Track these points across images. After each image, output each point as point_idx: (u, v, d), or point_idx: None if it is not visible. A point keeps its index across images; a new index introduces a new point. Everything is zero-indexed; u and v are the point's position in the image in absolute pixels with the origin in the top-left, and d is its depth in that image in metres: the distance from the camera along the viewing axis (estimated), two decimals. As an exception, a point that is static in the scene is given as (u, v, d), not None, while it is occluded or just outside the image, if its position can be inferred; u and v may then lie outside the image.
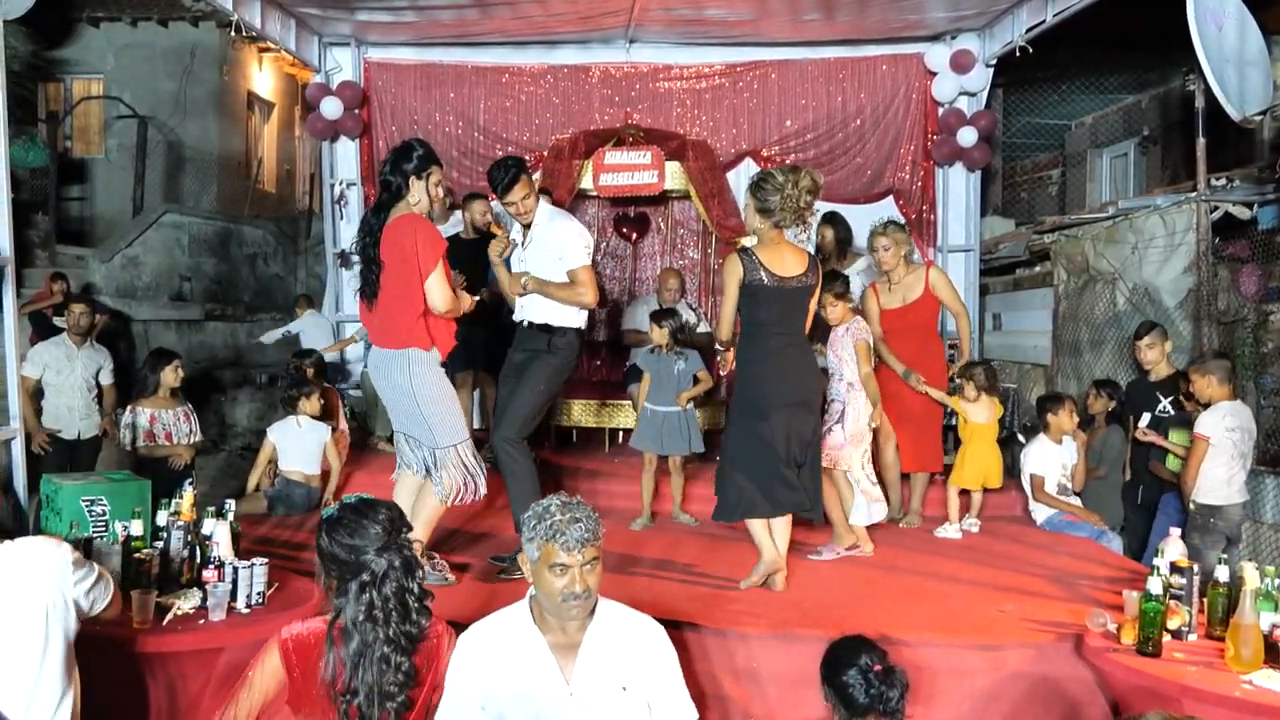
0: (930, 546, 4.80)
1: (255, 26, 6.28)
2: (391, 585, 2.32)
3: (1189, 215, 5.97)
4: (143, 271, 9.70)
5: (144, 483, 3.84)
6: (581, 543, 2.33)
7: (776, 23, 6.78)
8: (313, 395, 5.30)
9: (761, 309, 3.98)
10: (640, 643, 2.47)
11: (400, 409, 3.91)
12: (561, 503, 2.40)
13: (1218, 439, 4.59)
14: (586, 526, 2.35)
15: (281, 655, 2.35)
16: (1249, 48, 5.45)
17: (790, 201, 3.89)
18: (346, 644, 2.27)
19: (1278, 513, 5.29)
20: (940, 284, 5.27)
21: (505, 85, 7.51)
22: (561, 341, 4.41)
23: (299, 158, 14.49)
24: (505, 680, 2.35)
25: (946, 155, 7.30)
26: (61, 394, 6.05)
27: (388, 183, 3.79)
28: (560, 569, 2.33)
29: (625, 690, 2.38)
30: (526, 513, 2.44)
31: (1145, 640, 3.08)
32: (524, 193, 4.30)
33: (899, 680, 2.52)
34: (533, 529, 2.37)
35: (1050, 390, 6.71)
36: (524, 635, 2.40)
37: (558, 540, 2.32)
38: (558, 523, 2.34)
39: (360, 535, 2.33)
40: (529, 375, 4.38)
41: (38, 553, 2.52)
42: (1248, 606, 2.97)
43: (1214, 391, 4.64)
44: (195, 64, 11.95)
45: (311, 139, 9.64)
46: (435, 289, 3.71)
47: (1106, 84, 10.12)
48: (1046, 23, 6.19)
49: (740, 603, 3.81)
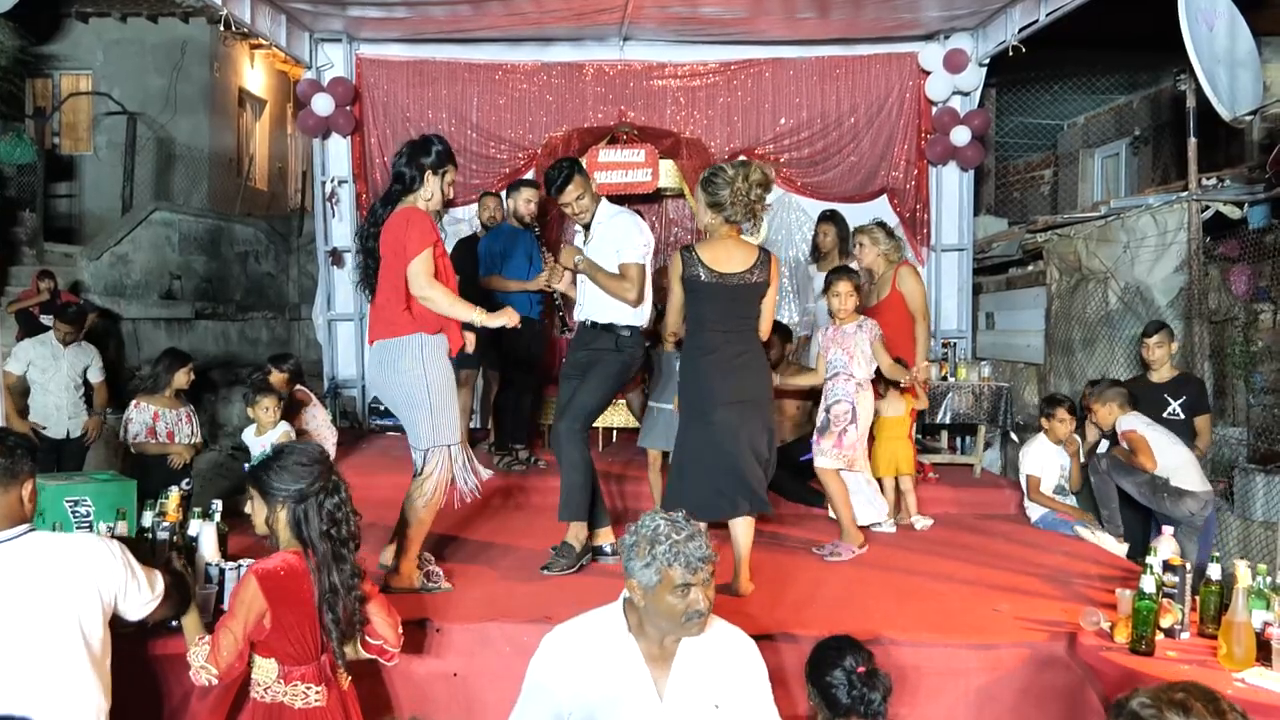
0: (924, 545, 4.80)
1: (246, 22, 6.23)
2: (345, 491, 2.72)
3: (1180, 215, 5.99)
4: (132, 270, 9.64)
5: (129, 483, 3.79)
6: (704, 560, 2.29)
7: (771, 21, 6.77)
8: (258, 403, 5.09)
9: (702, 305, 3.93)
10: (734, 658, 2.42)
11: (402, 400, 3.75)
12: (669, 522, 2.34)
13: (1143, 429, 4.85)
14: (702, 543, 2.30)
15: (258, 582, 2.58)
16: (1240, 48, 5.48)
17: (740, 196, 3.84)
18: (316, 553, 2.64)
19: (1268, 510, 5.31)
20: (906, 284, 5.17)
21: (499, 82, 7.48)
22: (628, 341, 4.32)
23: (291, 155, 14.44)
24: (595, 684, 2.31)
25: (940, 154, 7.31)
26: (48, 392, 6.02)
27: (401, 175, 3.74)
28: (684, 590, 2.28)
29: (717, 708, 2.33)
30: (629, 537, 2.38)
31: (1138, 639, 3.09)
32: (577, 193, 4.27)
33: (882, 683, 2.52)
34: (649, 553, 2.30)
35: (1048, 390, 6.73)
36: (617, 641, 2.36)
37: (679, 562, 2.27)
38: (676, 544, 2.28)
39: (307, 459, 2.70)
40: (597, 372, 4.31)
41: (80, 549, 2.51)
42: (1240, 604, 2.97)
43: (1117, 416, 5.02)
44: (185, 60, 11.89)
45: (303, 136, 9.60)
46: (415, 271, 3.60)
47: (1098, 84, 10.15)
48: (1039, 22, 6.20)
49: (735, 602, 3.79)
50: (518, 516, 5.29)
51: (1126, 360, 6.19)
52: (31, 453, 2.56)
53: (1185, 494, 4.78)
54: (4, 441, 2.52)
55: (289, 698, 2.62)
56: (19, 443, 2.54)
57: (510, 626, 3.42)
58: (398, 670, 3.21)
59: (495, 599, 3.76)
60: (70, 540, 2.58)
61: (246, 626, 2.58)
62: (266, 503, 2.70)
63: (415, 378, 3.68)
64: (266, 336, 10.97)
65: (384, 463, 6.00)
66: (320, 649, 2.66)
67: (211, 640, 2.61)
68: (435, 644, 3.37)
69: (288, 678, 2.63)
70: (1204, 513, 4.81)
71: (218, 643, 2.59)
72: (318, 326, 7.76)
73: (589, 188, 4.34)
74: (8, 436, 2.57)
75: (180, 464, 5.28)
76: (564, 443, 4.24)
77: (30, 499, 2.53)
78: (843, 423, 4.61)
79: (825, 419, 4.71)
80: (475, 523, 5.03)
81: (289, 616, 2.60)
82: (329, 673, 2.68)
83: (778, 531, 5.04)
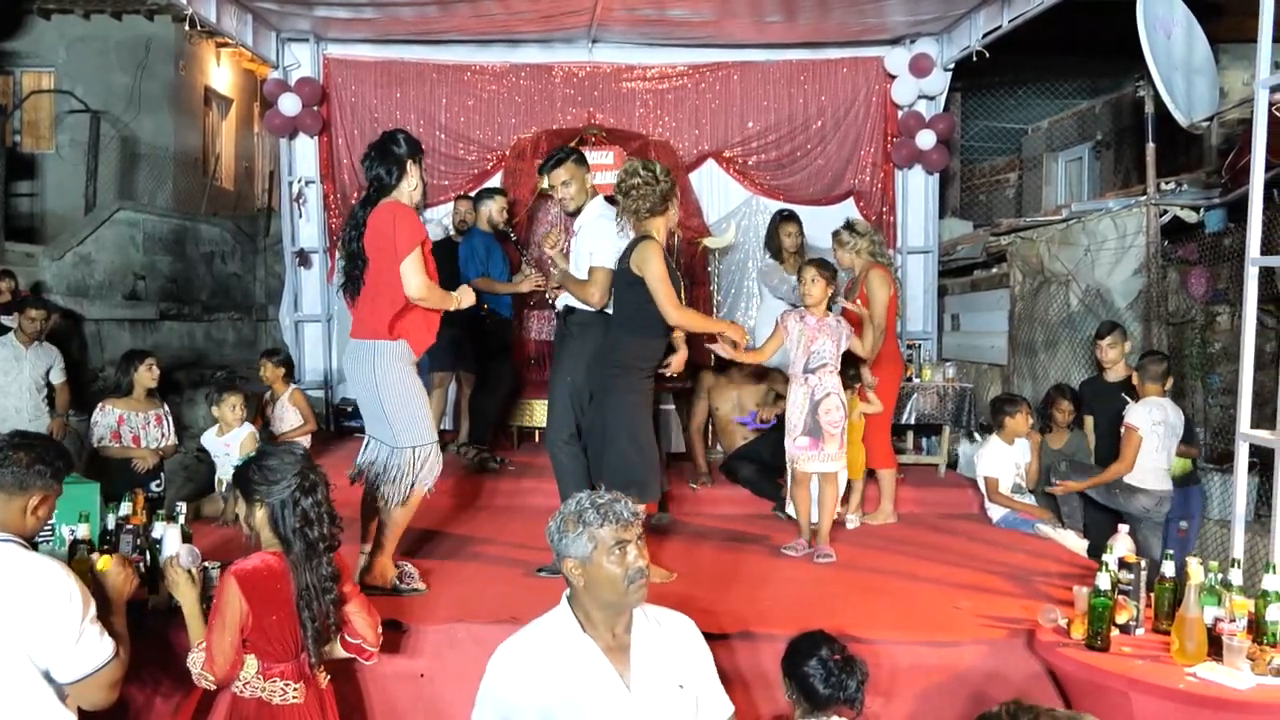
0: (888, 544, 4.86)
1: (211, 21, 6.17)
2: (321, 492, 2.75)
3: (1139, 218, 6.11)
4: (95, 270, 9.50)
5: (92, 485, 3.74)
6: (634, 514, 2.36)
7: (738, 24, 6.81)
8: (223, 402, 5.06)
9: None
10: (682, 639, 2.49)
11: (371, 400, 3.77)
12: (588, 494, 2.41)
13: (1145, 430, 4.83)
14: (625, 502, 2.37)
15: (238, 583, 2.62)
16: (1196, 56, 5.59)
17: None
18: (292, 552, 2.68)
19: (1224, 509, 5.42)
20: (870, 286, 5.12)
21: (467, 84, 7.47)
22: (579, 318, 4.33)
23: (258, 154, 14.28)
24: (556, 690, 2.31)
25: (906, 158, 7.39)
26: (9, 395, 5.93)
27: (378, 177, 3.72)
28: (621, 548, 2.32)
29: (682, 688, 2.39)
30: (554, 522, 2.41)
31: (1094, 635, 3.15)
32: (564, 178, 4.30)
33: (858, 669, 2.59)
34: (577, 523, 2.35)
35: (1006, 390, 6.81)
36: (572, 642, 2.36)
37: (610, 520, 2.33)
38: (601, 505, 2.35)
39: (286, 459, 2.75)
40: (557, 366, 4.38)
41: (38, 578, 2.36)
42: (1192, 601, 3.05)
43: (1145, 387, 4.94)
44: (150, 58, 11.72)
45: (270, 135, 9.52)
46: (410, 272, 3.60)
47: (1062, 89, 10.32)
48: (1003, 28, 6.28)
49: (700, 602, 3.82)
50: (487, 517, 5.28)
51: (1087, 361, 6.29)
52: (54, 473, 2.50)
53: (1137, 490, 4.88)
54: (30, 450, 2.47)
55: (267, 694, 2.67)
56: (42, 457, 2.47)
57: (478, 627, 3.43)
58: (366, 670, 3.21)
59: (464, 599, 3.77)
60: (31, 563, 2.40)
61: (235, 629, 2.63)
62: (246, 502, 2.76)
63: (369, 385, 3.71)
64: (233, 337, 10.86)
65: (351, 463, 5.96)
66: (300, 647, 2.69)
67: (205, 648, 2.66)
68: (403, 644, 3.37)
69: (267, 674, 2.67)
70: (1160, 509, 4.90)
71: (211, 650, 2.64)
72: (285, 328, 7.70)
73: (580, 180, 4.36)
74: (43, 450, 2.51)
75: (144, 468, 5.21)
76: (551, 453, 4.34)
77: (34, 513, 2.47)
78: (839, 422, 4.59)
79: (814, 422, 4.58)
80: (448, 523, 5.03)
81: (268, 615, 2.64)
82: (308, 670, 2.72)
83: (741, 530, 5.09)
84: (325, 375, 7.50)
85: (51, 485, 2.51)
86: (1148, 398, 4.92)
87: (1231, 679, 2.86)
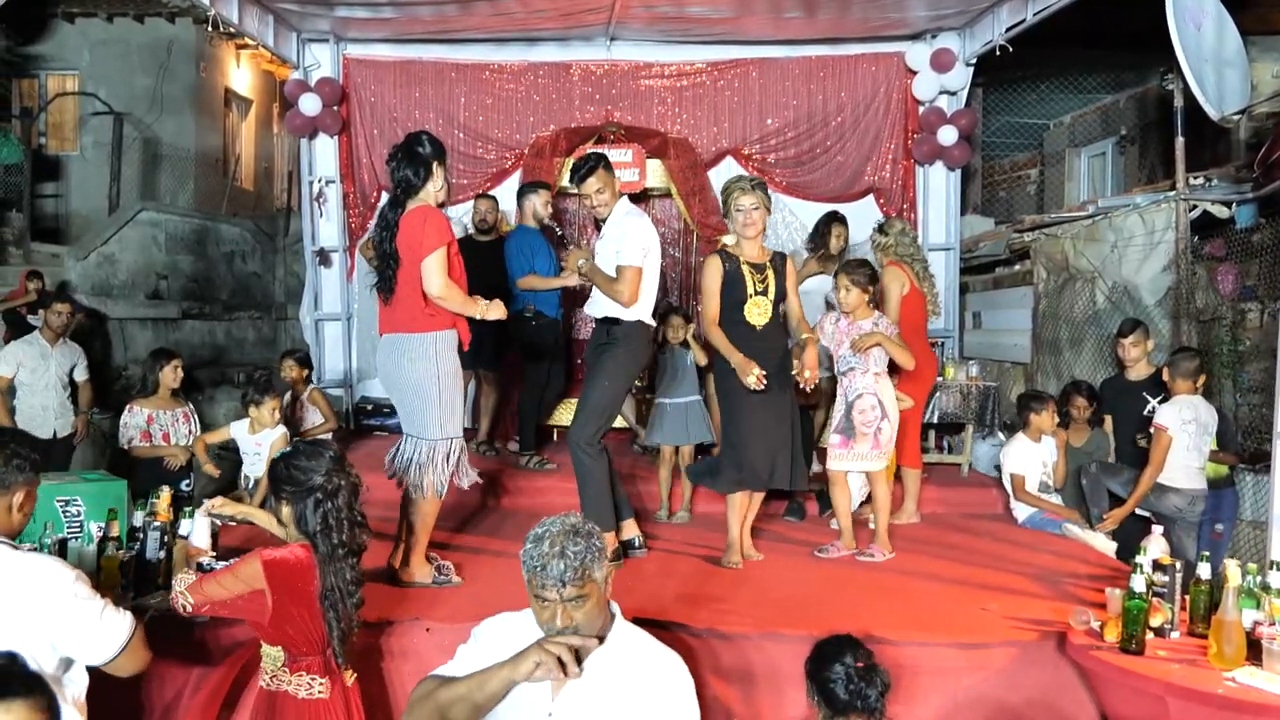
0: (912, 545, 4.80)
1: (233, 22, 6.20)
2: (344, 497, 2.73)
3: (1168, 214, 6.01)
4: (119, 269, 9.59)
5: (120, 482, 3.77)
6: (561, 581, 2.17)
7: (757, 21, 6.77)
8: (264, 404, 5.07)
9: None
10: (650, 681, 2.27)
11: (411, 395, 3.81)
12: (563, 529, 2.24)
13: (1175, 429, 4.76)
14: (570, 564, 2.17)
15: (263, 566, 2.61)
16: (1227, 48, 5.50)
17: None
18: (319, 552, 2.67)
19: (1257, 510, 5.33)
20: (885, 282, 5.12)
21: (485, 82, 7.45)
22: (620, 331, 4.35)
23: (277, 155, 14.36)
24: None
25: (926, 154, 7.32)
26: (35, 393, 5.98)
27: (405, 179, 3.78)
28: (542, 602, 2.21)
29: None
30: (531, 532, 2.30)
31: (1128, 638, 3.09)
32: (597, 185, 4.33)
33: (880, 679, 2.54)
34: (524, 551, 2.24)
35: (1030, 388, 6.73)
36: (529, 640, 2.26)
37: (538, 575, 2.19)
38: (544, 555, 2.19)
39: (314, 459, 2.74)
40: (597, 368, 4.38)
41: (29, 574, 2.33)
42: (1230, 604, 2.98)
43: (1176, 384, 4.87)
44: (172, 60, 11.82)
45: (290, 136, 9.55)
46: (432, 270, 3.66)
47: (1085, 83, 10.19)
48: (1027, 22, 6.21)
49: (726, 602, 3.79)
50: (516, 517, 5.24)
51: (1114, 359, 6.20)
52: (32, 464, 2.44)
53: (1168, 489, 4.80)
54: (4, 447, 2.40)
55: (293, 687, 2.68)
56: (17, 452, 2.41)
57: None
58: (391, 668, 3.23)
59: (485, 599, 3.74)
60: (25, 562, 2.37)
61: (236, 590, 2.62)
62: (275, 497, 2.79)
63: (428, 372, 3.76)
64: (253, 336, 10.93)
65: (374, 463, 5.94)
66: (325, 644, 2.70)
67: (201, 576, 2.71)
68: (425, 644, 3.35)
69: (293, 667, 2.68)
70: (1193, 508, 4.82)
71: (204, 583, 2.67)
72: (305, 326, 7.72)
73: (611, 185, 4.40)
74: (16, 444, 2.44)
75: (176, 465, 5.25)
76: (574, 452, 4.31)
77: (20, 509, 2.43)
78: (874, 421, 4.53)
79: (847, 422, 4.55)
80: (470, 523, 5.04)
81: (292, 607, 2.63)
82: (334, 666, 2.72)
83: (771, 530, 5.05)
84: (345, 374, 7.51)
85: (32, 479, 2.46)
86: (1177, 396, 4.85)
87: (1272, 684, 2.80)
